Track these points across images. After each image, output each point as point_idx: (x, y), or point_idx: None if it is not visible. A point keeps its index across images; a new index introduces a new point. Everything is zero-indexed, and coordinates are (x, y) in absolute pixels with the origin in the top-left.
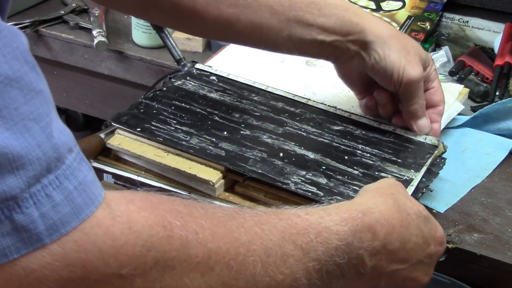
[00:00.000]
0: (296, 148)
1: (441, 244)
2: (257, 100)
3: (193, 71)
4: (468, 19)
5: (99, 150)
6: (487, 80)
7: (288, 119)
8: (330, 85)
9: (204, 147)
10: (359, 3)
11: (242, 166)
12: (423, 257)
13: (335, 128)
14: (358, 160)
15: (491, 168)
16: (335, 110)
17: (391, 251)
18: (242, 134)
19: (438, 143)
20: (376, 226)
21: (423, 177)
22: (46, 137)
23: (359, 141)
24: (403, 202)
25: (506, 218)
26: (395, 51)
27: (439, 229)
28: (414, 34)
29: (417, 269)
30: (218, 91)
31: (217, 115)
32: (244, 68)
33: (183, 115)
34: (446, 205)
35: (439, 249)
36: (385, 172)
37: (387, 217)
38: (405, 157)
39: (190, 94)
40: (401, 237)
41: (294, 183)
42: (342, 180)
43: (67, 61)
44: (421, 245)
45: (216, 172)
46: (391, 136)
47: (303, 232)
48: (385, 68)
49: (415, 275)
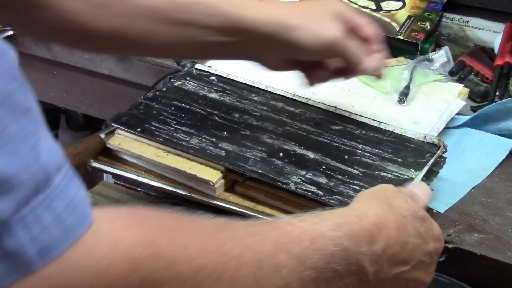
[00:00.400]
0: (296, 148)
1: (439, 241)
2: (257, 100)
3: (193, 71)
4: (468, 19)
5: (99, 150)
6: (487, 80)
7: (288, 119)
8: (330, 85)
9: (204, 147)
10: (359, 3)
11: (242, 166)
12: (423, 257)
13: (335, 128)
14: (358, 160)
15: (491, 168)
16: (335, 109)
17: (392, 255)
18: (242, 134)
19: (438, 142)
20: (373, 229)
21: (424, 177)
22: (34, 157)
23: (359, 140)
24: (398, 205)
25: (506, 218)
26: (303, 27)
27: (435, 227)
28: (414, 34)
29: (419, 269)
30: (218, 91)
31: (217, 115)
32: (244, 68)
33: (183, 115)
34: (446, 205)
35: (437, 246)
36: (385, 172)
37: (383, 220)
38: (405, 157)
39: (190, 94)
40: (400, 239)
41: (294, 183)
42: (342, 180)
43: (67, 61)
44: (420, 244)
45: (216, 172)
46: (391, 135)
47: (297, 240)
48: (302, 49)
49: (418, 275)
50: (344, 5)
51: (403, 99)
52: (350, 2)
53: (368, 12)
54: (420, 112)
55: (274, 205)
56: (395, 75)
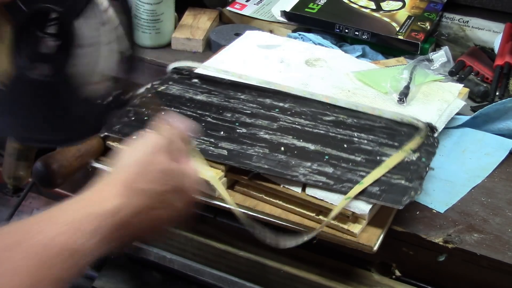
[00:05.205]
0: (295, 141)
1: (187, 176)
2: (244, 98)
3: (173, 75)
4: (468, 19)
5: (101, 151)
6: (487, 80)
7: (280, 114)
8: (329, 85)
9: (204, 148)
10: (359, 3)
11: (248, 163)
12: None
13: (327, 119)
14: (357, 147)
15: (491, 168)
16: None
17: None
18: (239, 133)
19: (417, 123)
20: (126, 224)
21: (423, 157)
22: None
23: (353, 129)
24: (148, 159)
25: (506, 218)
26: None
27: (185, 168)
28: (414, 34)
29: (171, 200)
30: (204, 93)
31: (209, 116)
32: (243, 68)
33: None
34: (446, 205)
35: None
36: (386, 156)
37: (136, 211)
38: (400, 140)
39: (177, 98)
40: (149, 216)
41: (302, 174)
42: (348, 168)
43: None
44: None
45: (217, 172)
46: (382, 121)
47: (55, 262)
48: None
49: (172, 202)
50: None
51: (403, 99)
52: (350, 2)
53: (368, 12)
54: (420, 111)
55: (274, 204)
56: (395, 75)
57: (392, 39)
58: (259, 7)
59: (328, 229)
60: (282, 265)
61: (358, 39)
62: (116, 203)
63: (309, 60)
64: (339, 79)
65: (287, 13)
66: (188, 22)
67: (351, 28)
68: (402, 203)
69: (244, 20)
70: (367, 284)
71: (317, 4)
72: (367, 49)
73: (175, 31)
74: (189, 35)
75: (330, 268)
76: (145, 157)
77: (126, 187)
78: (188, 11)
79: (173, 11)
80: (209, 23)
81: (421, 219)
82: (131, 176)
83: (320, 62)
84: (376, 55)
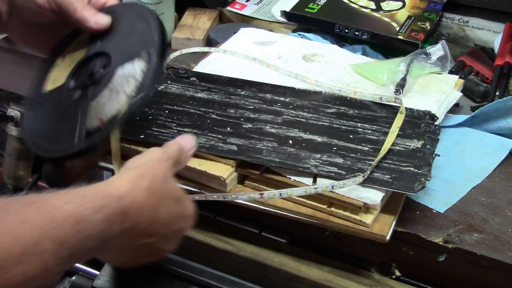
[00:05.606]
0: (302, 134)
1: (188, 221)
2: (245, 94)
3: (170, 75)
4: (468, 19)
5: (108, 149)
6: (487, 80)
7: (283, 108)
8: (328, 80)
9: (214, 145)
10: (359, 3)
11: (259, 158)
12: (169, 233)
13: (329, 111)
14: (363, 137)
15: (491, 168)
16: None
17: (140, 230)
18: (245, 128)
19: (395, 102)
20: (128, 212)
21: (427, 144)
22: None
23: (356, 120)
24: (159, 184)
25: (506, 218)
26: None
27: (189, 207)
28: (414, 34)
29: (162, 242)
30: (204, 91)
31: (213, 113)
32: (240, 65)
33: (180, 117)
34: (446, 205)
35: (185, 225)
36: (393, 145)
37: (139, 203)
38: (403, 129)
39: (178, 96)
40: (151, 218)
41: (314, 166)
42: (357, 158)
43: None
44: (168, 223)
45: (227, 167)
46: (382, 111)
47: (61, 224)
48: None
49: (160, 245)
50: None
51: (399, 90)
52: (350, 2)
53: (368, 12)
54: (419, 103)
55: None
56: (391, 68)
57: (392, 39)
58: (259, 7)
59: (340, 220)
60: (282, 265)
61: (358, 39)
62: (123, 189)
63: (306, 56)
64: (337, 73)
65: (287, 13)
66: (188, 22)
67: (351, 28)
68: (414, 189)
69: (244, 20)
70: (367, 284)
71: (317, 4)
72: (367, 49)
73: (175, 31)
74: (189, 35)
75: (330, 268)
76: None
77: (134, 181)
78: (188, 11)
79: (173, 11)
80: (209, 23)
81: (421, 219)
82: (140, 177)
83: (317, 57)
84: (376, 55)
